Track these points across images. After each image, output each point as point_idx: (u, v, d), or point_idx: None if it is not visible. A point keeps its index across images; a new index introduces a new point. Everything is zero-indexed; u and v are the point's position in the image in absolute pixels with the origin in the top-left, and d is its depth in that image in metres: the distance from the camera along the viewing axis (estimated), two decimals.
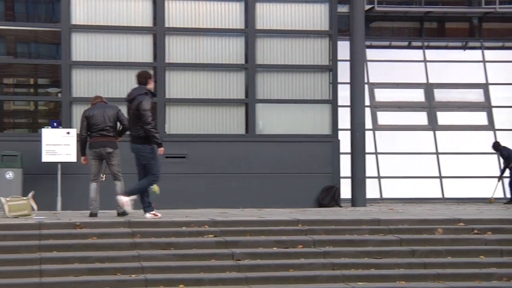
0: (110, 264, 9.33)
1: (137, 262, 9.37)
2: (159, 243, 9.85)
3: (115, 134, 11.51)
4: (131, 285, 8.88)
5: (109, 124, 11.42)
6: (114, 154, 11.51)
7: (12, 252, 9.47)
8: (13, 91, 16.19)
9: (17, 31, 15.27)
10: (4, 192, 13.14)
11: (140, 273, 9.11)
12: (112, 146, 11.46)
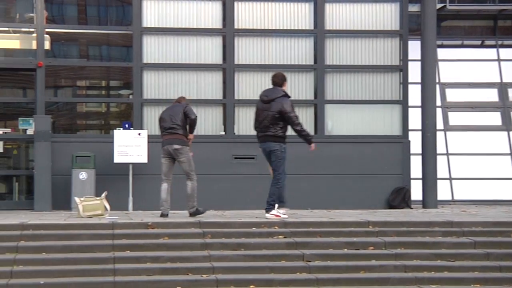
0: (182, 264, 9.42)
1: (208, 262, 9.44)
2: (230, 244, 9.89)
3: (184, 132, 11.62)
4: (202, 285, 8.95)
5: (176, 122, 11.56)
6: (182, 151, 11.60)
7: (86, 251, 9.66)
8: (85, 93, 16.48)
9: (89, 35, 15.53)
10: (78, 192, 13.41)
11: (211, 273, 9.18)
12: (179, 143, 11.59)
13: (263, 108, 11.25)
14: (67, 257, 9.47)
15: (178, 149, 11.64)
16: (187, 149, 11.71)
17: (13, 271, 9.05)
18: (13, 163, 15.64)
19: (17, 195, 15.23)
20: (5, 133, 15.01)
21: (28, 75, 15.12)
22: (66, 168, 14.08)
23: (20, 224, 10.21)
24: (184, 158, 11.67)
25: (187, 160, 11.70)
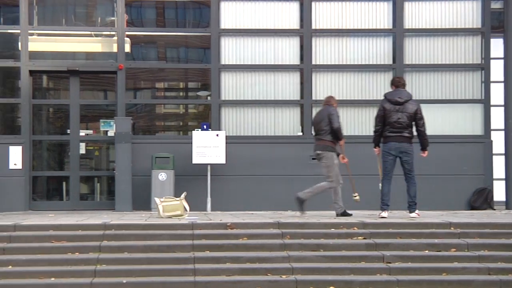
0: (261, 264, 9.41)
1: (287, 263, 9.40)
2: (308, 244, 9.84)
3: (329, 137, 11.95)
4: (282, 285, 8.92)
5: (322, 128, 11.96)
6: (323, 155, 11.96)
7: (167, 251, 9.75)
8: (164, 95, 16.69)
9: (168, 37, 15.71)
10: (158, 192, 13.58)
11: (290, 274, 9.14)
12: (321, 148, 11.96)
13: (396, 109, 11.43)
14: (148, 257, 9.59)
15: (319, 154, 12.00)
16: (331, 155, 11.97)
17: (97, 270, 9.22)
18: (95, 164, 15.97)
19: (98, 195, 15.55)
20: (87, 134, 15.33)
21: (109, 77, 15.41)
22: (145, 169, 14.28)
23: (103, 224, 10.39)
24: (325, 163, 11.94)
25: (327, 166, 11.98)
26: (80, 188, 15.27)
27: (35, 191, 15.10)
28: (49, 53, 15.30)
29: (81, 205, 14.91)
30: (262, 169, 14.75)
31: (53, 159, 16.09)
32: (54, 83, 16.22)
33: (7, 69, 15.29)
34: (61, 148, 15.94)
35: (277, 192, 14.58)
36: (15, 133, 14.91)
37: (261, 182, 14.72)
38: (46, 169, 15.61)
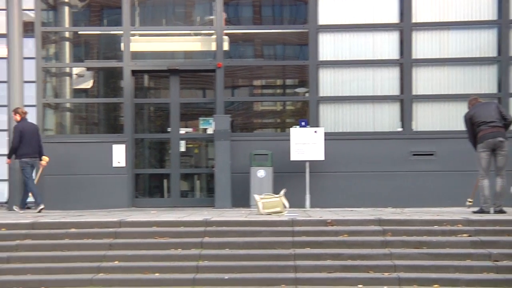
0: (362, 261, 9.32)
1: (389, 260, 9.27)
2: (411, 242, 9.68)
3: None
4: (384, 283, 8.81)
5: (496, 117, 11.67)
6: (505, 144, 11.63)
7: (267, 247, 9.78)
8: (261, 92, 16.75)
9: (265, 34, 15.75)
10: (256, 189, 13.63)
11: (393, 271, 9.01)
12: (503, 135, 11.64)
13: None
14: (249, 253, 9.64)
15: (502, 142, 11.62)
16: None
17: (199, 266, 9.34)
18: (194, 162, 16.18)
19: (198, 192, 15.74)
20: (187, 132, 15.54)
21: (207, 76, 15.58)
22: (244, 166, 14.36)
23: (204, 221, 10.51)
24: (505, 152, 11.64)
25: (506, 155, 11.64)
26: (180, 186, 15.50)
27: (137, 188, 15.42)
28: (149, 53, 15.59)
29: (181, 202, 15.14)
30: (361, 165, 14.60)
31: (153, 157, 16.40)
32: (155, 82, 16.53)
33: (110, 69, 15.68)
34: (162, 146, 16.23)
35: (376, 189, 14.41)
36: (118, 132, 15.27)
37: (360, 179, 14.57)
38: (147, 167, 15.92)
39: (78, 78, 15.82)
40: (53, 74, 15.72)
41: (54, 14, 15.72)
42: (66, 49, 15.66)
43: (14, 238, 10.09)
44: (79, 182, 14.64)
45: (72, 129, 15.86)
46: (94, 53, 16.22)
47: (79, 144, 14.87)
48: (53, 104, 15.53)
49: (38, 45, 15.06)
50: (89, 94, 16.12)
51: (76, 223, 10.51)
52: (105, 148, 14.75)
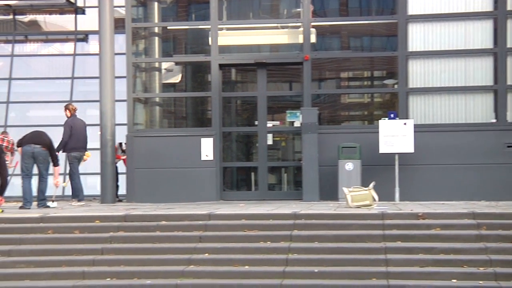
0: (455, 256, 9.13)
1: (484, 255, 9.04)
2: (508, 236, 9.42)
3: None
4: (479, 278, 8.60)
5: None
6: None
7: (357, 241, 9.68)
8: (348, 84, 16.60)
9: (352, 26, 15.60)
10: (344, 182, 13.51)
11: (488, 266, 8.79)
12: None
13: None
14: (338, 247, 9.57)
15: None
16: None
17: (288, 259, 9.32)
18: (281, 155, 16.18)
19: (285, 185, 15.74)
20: (274, 125, 15.55)
21: (294, 69, 15.53)
22: (332, 159, 14.25)
23: (293, 214, 10.48)
24: None
25: None
26: (268, 179, 15.52)
27: (224, 181, 15.52)
28: (235, 46, 15.66)
29: (269, 195, 15.16)
30: (452, 158, 14.28)
31: (240, 150, 16.48)
32: (242, 75, 16.60)
33: (198, 63, 15.83)
34: (248, 139, 16.29)
35: (468, 182, 14.06)
36: (206, 125, 15.40)
37: (451, 172, 14.24)
38: (234, 160, 16.01)
39: (167, 72, 16.03)
40: (143, 69, 15.98)
41: (143, 10, 15.97)
42: (155, 44, 15.89)
43: (108, 230, 10.30)
44: (168, 175, 14.83)
45: (161, 123, 16.10)
46: (182, 47, 16.42)
47: (168, 138, 15.07)
48: (143, 99, 15.79)
49: (128, 41, 15.32)
50: (177, 88, 16.32)
51: (166, 216, 10.65)
52: (193, 141, 14.90)
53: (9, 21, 19.78)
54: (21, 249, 9.89)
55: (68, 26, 19.78)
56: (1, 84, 19.45)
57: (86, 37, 19.65)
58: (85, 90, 19.29)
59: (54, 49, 20.25)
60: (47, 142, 13.02)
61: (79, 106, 19.13)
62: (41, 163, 12.90)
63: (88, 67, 19.00)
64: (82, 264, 9.48)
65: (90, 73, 18.44)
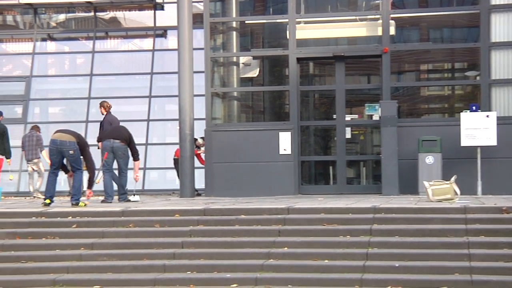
0: None
1: None
2: None
3: None
4: None
5: None
6: None
7: (439, 235, 9.52)
8: (427, 77, 16.32)
9: (432, 17, 15.32)
10: (425, 176, 13.30)
11: None
12: None
13: None
14: (419, 241, 9.41)
15: None
16: None
17: (368, 253, 9.22)
18: (360, 149, 16.04)
19: (364, 179, 15.60)
20: (352, 119, 15.41)
21: (372, 61, 15.36)
22: (411, 152, 14.05)
23: (372, 208, 10.37)
24: None
25: None
26: (346, 172, 15.40)
27: (302, 175, 15.48)
28: (312, 40, 15.58)
29: (347, 189, 15.04)
30: None
31: (318, 144, 16.41)
32: (319, 69, 16.51)
33: (275, 57, 15.82)
34: (326, 133, 16.21)
35: None
36: (283, 119, 15.39)
37: None
38: (312, 154, 15.95)
39: (245, 67, 16.08)
40: (221, 64, 16.08)
41: (221, 5, 16.05)
42: (233, 39, 15.96)
43: (187, 224, 10.39)
44: (246, 169, 14.89)
45: (239, 117, 16.17)
46: (260, 41, 16.44)
47: (245, 132, 15.13)
48: (221, 93, 15.89)
49: (206, 36, 15.43)
50: (255, 82, 16.35)
51: (245, 210, 10.68)
52: (271, 135, 14.90)
53: (90, 18, 20.20)
54: (103, 242, 10.07)
55: (147, 22, 20.06)
56: (83, 80, 19.88)
57: (165, 33, 19.90)
58: (164, 85, 19.53)
59: (134, 45, 20.59)
60: (126, 137, 13.21)
61: (158, 101, 19.52)
62: (120, 157, 13.10)
63: (167, 62, 19.23)
64: (162, 258, 9.59)
65: (169, 68, 18.66)
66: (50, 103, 20.45)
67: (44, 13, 20.49)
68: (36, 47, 20.02)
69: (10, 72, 20.67)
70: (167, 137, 19.50)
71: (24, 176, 18.12)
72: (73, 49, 20.74)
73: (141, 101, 19.37)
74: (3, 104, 19.28)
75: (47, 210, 11.10)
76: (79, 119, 19.21)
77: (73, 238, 10.20)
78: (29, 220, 10.71)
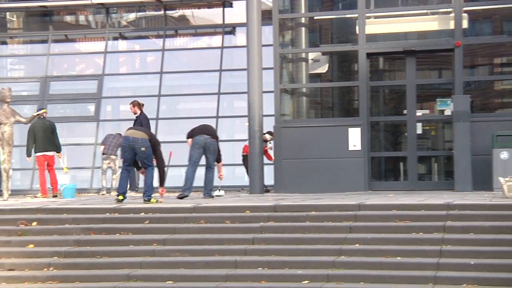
0: None
1: None
2: None
3: None
4: None
5: None
6: None
7: None
8: (501, 70, 15.97)
9: (505, 9, 14.95)
10: (499, 172, 13.03)
11: None
12: None
13: None
14: (495, 238, 9.22)
15: None
16: None
17: (442, 250, 9.08)
18: (431, 144, 15.80)
19: (435, 175, 15.36)
20: (423, 114, 15.18)
21: (444, 55, 15.10)
22: (485, 147, 13.77)
23: (446, 204, 10.20)
24: None
25: None
26: (417, 168, 15.18)
27: (372, 171, 15.33)
28: (382, 35, 15.40)
29: (418, 185, 14.82)
30: None
31: (388, 140, 16.23)
32: (389, 64, 16.32)
33: (344, 53, 15.72)
34: (396, 128, 16.02)
35: None
36: (353, 115, 15.27)
37: None
38: (382, 149, 15.78)
39: (314, 63, 16.02)
40: (289, 60, 16.05)
41: (290, 1, 16.02)
42: (302, 35, 15.91)
43: (258, 220, 10.41)
44: (315, 165, 14.83)
45: (308, 113, 16.12)
46: (328, 37, 16.35)
47: (315, 128, 15.07)
48: (290, 90, 15.86)
49: (275, 32, 15.41)
50: (323, 78, 16.27)
51: (315, 206, 10.64)
52: (340, 131, 14.80)
53: (160, 17, 20.42)
54: (175, 238, 10.16)
55: (216, 19, 20.17)
56: (153, 78, 20.13)
57: (234, 30, 19.97)
58: (233, 82, 19.62)
59: (203, 42, 20.73)
60: (215, 134, 13.45)
61: (227, 98, 19.62)
62: (211, 153, 13.24)
63: (236, 59, 19.30)
64: (234, 254, 9.63)
65: (238, 65, 18.72)
66: (121, 101, 20.75)
67: (115, 13, 20.81)
68: (108, 46, 20.35)
69: (83, 71, 21.08)
70: (235, 134, 19.58)
71: (97, 173, 18.45)
72: (144, 47, 21.02)
73: (210, 98, 19.49)
74: (77, 103, 19.72)
75: (120, 206, 11.27)
76: (149, 116, 19.33)
77: (146, 234, 10.33)
78: (103, 216, 10.90)
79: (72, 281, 9.30)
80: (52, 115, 19.54)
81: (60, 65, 20.88)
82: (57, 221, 10.80)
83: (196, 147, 13.18)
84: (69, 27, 21.16)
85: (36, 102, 19.67)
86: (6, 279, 9.42)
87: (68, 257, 9.87)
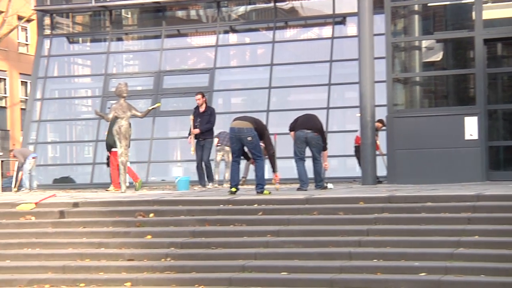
0: None
1: None
2: None
3: None
4: None
5: None
6: None
7: None
8: None
9: None
10: None
11: None
12: None
13: None
14: None
15: None
16: None
17: None
18: None
19: None
20: None
21: None
22: None
23: None
24: None
25: None
26: None
27: (490, 161, 14.83)
28: (499, 20, 14.85)
29: None
30: None
31: (507, 128, 15.66)
32: (508, 50, 15.73)
33: (459, 40, 15.28)
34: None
35: None
36: (469, 103, 14.83)
37: None
38: (501, 139, 15.26)
39: (427, 51, 15.65)
40: (402, 49, 15.73)
41: None
42: (415, 23, 15.56)
43: (372, 212, 10.25)
44: (429, 156, 14.51)
45: (421, 102, 15.77)
46: (442, 24, 15.92)
47: (428, 118, 14.75)
48: (402, 79, 15.56)
49: (387, 21, 15.13)
50: (437, 66, 15.87)
51: (431, 197, 10.38)
52: (455, 120, 14.41)
53: (270, 9, 20.48)
54: (288, 229, 10.14)
55: (325, 10, 20.05)
56: (263, 70, 20.21)
57: (344, 20, 19.80)
58: (343, 73, 19.45)
59: (313, 33, 20.67)
60: (318, 126, 13.19)
61: (338, 89, 19.48)
62: (314, 147, 13.11)
63: (346, 49, 19.13)
64: (348, 245, 9.52)
65: (348, 56, 18.54)
66: (232, 93, 20.99)
67: (226, 6, 21.02)
68: (219, 40, 20.58)
69: (195, 65, 21.43)
70: (346, 125, 19.41)
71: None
72: (254, 40, 21.15)
73: (320, 89, 19.41)
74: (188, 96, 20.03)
75: (234, 198, 11.36)
76: (260, 108, 19.55)
77: (259, 225, 10.35)
78: (218, 207, 11.00)
79: (189, 271, 9.43)
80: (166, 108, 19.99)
81: (173, 59, 21.30)
82: (173, 213, 10.99)
83: (297, 142, 13.04)
84: (181, 22, 21.54)
85: (150, 97, 20.13)
86: (127, 269, 9.66)
87: (184, 248, 10.02)
